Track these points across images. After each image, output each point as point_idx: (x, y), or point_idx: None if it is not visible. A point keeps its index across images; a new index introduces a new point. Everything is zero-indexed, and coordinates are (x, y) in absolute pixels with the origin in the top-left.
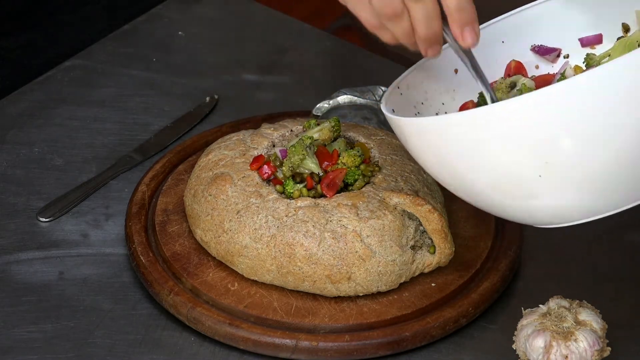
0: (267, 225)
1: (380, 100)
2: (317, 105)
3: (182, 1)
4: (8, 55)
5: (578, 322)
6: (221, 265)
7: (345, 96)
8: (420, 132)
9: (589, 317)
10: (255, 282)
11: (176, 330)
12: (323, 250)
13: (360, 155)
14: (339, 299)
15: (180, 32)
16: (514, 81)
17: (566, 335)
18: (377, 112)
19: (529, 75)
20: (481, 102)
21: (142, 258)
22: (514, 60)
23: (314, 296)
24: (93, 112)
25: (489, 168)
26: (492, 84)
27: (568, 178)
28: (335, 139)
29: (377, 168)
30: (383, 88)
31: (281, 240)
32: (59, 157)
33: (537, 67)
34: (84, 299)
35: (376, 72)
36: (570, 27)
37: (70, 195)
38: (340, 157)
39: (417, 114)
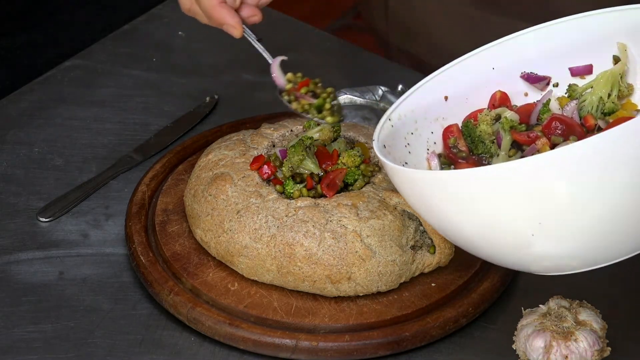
0: (267, 225)
1: (375, 137)
2: None
3: None
4: (8, 55)
5: (578, 322)
6: (221, 265)
7: (345, 96)
8: (410, 181)
9: (589, 317)
10: (255, 282)
11: (176, 330)
12: (323, 250)
13: (360, 155)
14: (339, 299)
15: (180, 32)
16: (499, 113)
17: (566, 335)
18: (377, 112)
19: (514, 105)
20: (465, 129)
21: (142, 258)
22: (499, 90)
23: (314, 296)
24: (93, 112)
25: (479, 224)
26: (476, 114)
27: (561, 237)
28: (335, 139)
29: (377, 168)
30: (383, 88)
31: (281, 240)
32: (59, 157)
33: (526, 94)
34: (84, 299)
35: (376, 72)
36: (562, 56)
37: (70, 195)
38: (340, 157)
39: (407, 145)
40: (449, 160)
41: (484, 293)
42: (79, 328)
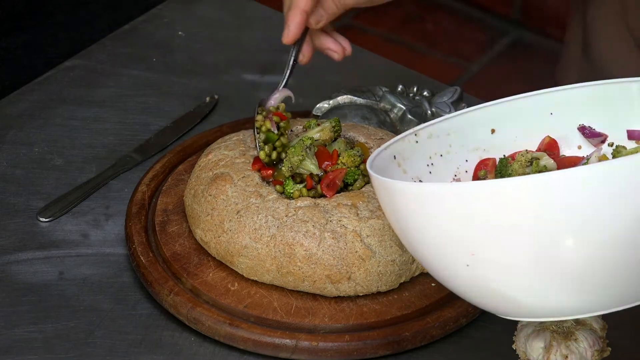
0: (267, 225)
1: (385, 145)
2: (317, 105)
3: (182, 1)
4: (8, 55)
5: (578, 322)
6: (221, 265)
7: (345, 96)
8: (382, 189)
9: (589, 317)
10: (255, 282)
11: (176, 330)
12: (323, 250)
13: (360, 155)
14: (339, 299)
15: (180, 32)
16: (536, 157)
17: (566, 335)
18: (377, 112)
19: (562, 154)
20: (499, 165)
21: (142, 258)
22: (549, 136)
23: (314, 296)
24: (93, 112)
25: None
26: (514, 155)
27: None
28: (335, 139)
29: None
30: (383, 88)
31: (281, 240)
32: (59, 157)
33: (579, 147)
34: (84, 299)
35: (376, 72)
36: (623, 117)
37: (70, 195)
38: (340, 157)
39: (431, 165)
40: None
41: None
42: (79, 328)
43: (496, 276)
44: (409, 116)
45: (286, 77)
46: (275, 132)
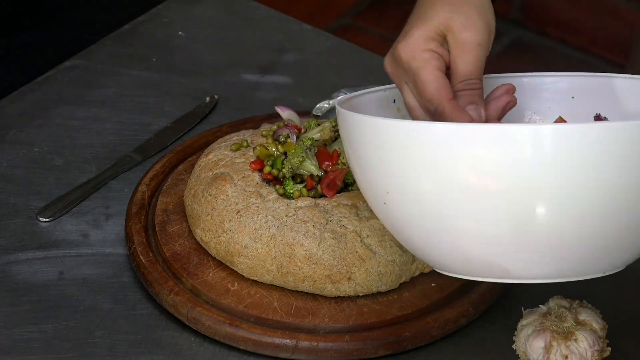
0: (267, 225)
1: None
2: (317, 105)
3: (182, 1)
4: (8, 55)
5: (578, 322)
6: (221, 265)
7: (345, 96)
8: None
9: (589, 317)
10: (255, 282)
11: (176, 330)
12: (323, 250)
13: None
14: (339, 299)
15: (180, 32)
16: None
17: (566, 335)
18: None
19: None
20: None
21: (142, 258)
22: (561, 117)
23: (314, 296)
24: (93, 112)
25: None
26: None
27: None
28: (335, 139)
29: None
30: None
31: (281, 240)
32: (59, 157)
33: None
34: (84, 299)
35: (376, 72)
36: None
37: (70, 195)
38: (340, 157)
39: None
40: None
41: (484, 293)
42: (79, 328)
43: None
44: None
45: None
46: (293, 140)
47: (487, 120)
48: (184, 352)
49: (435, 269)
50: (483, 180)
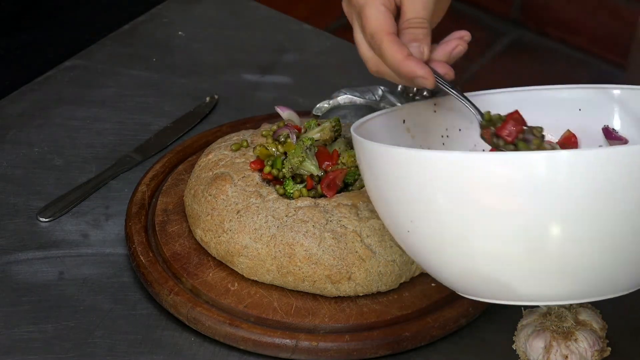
0: (267, 225)
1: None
2: (317, 105)
3: (182, 1)
4: (8, 55)
5: (578, 322)
6: (221, 265)
7: (345, 96)
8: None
9: (589, 317)
10: (255, 282)
11: (176, 330)
12: (323, 250)
13: None
14: (339, 299)
15: (180, 32)
16: (545, 148)
17: (566, 335)
18: None
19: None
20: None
21: (142, 258)
22: (569, 130)
23: (314, 296)
24: (93, 112)
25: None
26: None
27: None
28: (335, 139)
29: None
30: (383, 88)
31: (281, 240)
32: (59, 157)
33: (600, 147)
34: (84, 299)
35: None
36: None
37: (70, 195)
38: (340, 157)
39: (446, 137)
40: None
41: None
42: (79, 328)
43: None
44: None
45: (464, 100)
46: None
47: (431, 61)
48: (184, 352)
49: (463, 295)
50: (500, 205)
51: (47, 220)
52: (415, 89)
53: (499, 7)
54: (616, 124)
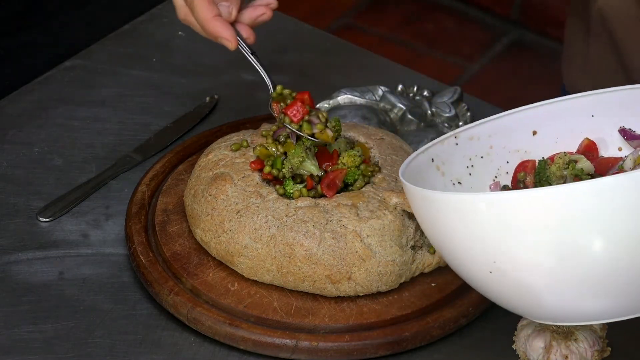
0: (267, 225)
1: (425, 147)
2: (317, 105)
3: None
4: (8, 55)
5: None
6: (221, 265)
7: (345, 96)
8: (414, 197)
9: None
10: (255, 282)
11: (176, 330)
12: (323, 250)
13: (360, 155)
14: (339, 299)
15: (180, 32)
16: (574, 160)
17: (566, 335)
18: (377, 112)
19: (601, 155)
20: (538, 167)
21: (142, 258)
22: (588, 138)
23: (314, 296)
24: (93, 112)
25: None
26: (552, 157)
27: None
28: (335, 139)
29: (377, 168)
30: (383, 88)
31: (281, 240)
32: (59, 157)
33: (620, 149)
34: (84, 299)
35: (376, 72)
36: None
37: (70, 195)
38: (340, 157)
39: (471, 167)
40: None
41: None
42: (79, 328)
43: (517, 281)
44: (409, 116)
45: (258, 65)
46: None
47: (237, 23)
48: (184, 352)
49: (550, 322)
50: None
51: (47, 220)
52: (415, 88)
53: (500, 8)
54: (630, 123)
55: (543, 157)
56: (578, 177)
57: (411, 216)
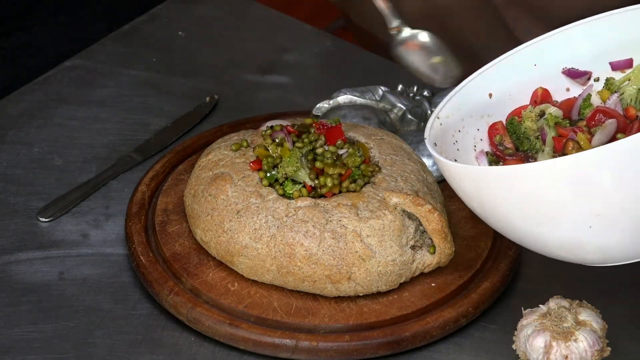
0: (267, 225)
1: (426, 135)
2: (317, 105)
3: (182, 1)
4: (8, 55)
5: (578, 322)
6: (221, 265)
7: (345, 96)
8: (472, 179)
9: (589, 317)
10: (255, 282)
11: (176, 330)
12: (323, 250)
13: (360, 155)
14: (339, 299)
15: (180, 32)
16: (543, 110)
17: (566, 335)
18: (377, 112)
19: (555, 100)
20: (510, 127)
21: (142, 258)
22: (541, 87)
23: (314, 296)
24: (93, 112)
25: (539, 219)
26: (520, 110)
27: (617, 228)
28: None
29: (377, 168)
30: (383, 88)
31: (281, 240)
32: (59, 157)
33: (567, 89)
34: (84, 299)
35: (376, 72)
36: (602, 51)
37: (70, 195)
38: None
39: (456, 143)
40: (497, 157)
41: (484, 293)
42: (79, 328)
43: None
44: (409, 116)
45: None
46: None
47: None
48: (184, 352)
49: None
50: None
51: (47, 220)
52: (415, 88)
53: None
54: (572, 64)
55: (515, 117)
56: (557, 124)
57: (411, 216)
